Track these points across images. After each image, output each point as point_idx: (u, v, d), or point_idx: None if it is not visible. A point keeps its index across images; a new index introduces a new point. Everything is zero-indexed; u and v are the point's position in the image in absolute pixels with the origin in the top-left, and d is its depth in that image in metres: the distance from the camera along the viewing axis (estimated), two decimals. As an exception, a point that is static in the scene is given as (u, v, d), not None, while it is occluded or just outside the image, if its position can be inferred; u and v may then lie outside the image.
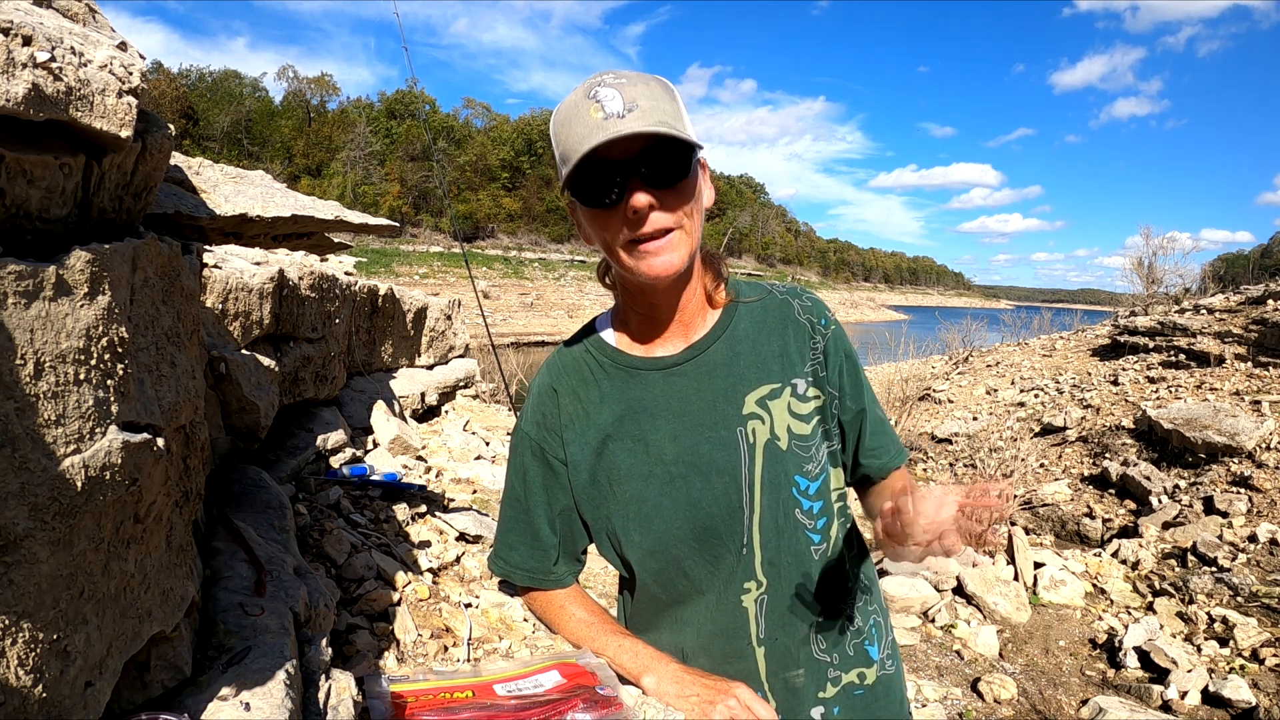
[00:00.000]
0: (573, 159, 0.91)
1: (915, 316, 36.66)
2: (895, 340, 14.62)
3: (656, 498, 1.05)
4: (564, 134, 0.93)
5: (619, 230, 0.95)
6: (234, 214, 1.84)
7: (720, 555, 1.04)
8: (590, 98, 0.91)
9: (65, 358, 0.64)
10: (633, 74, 0.94)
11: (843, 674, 1.08)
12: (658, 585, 1.10)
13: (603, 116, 0.89)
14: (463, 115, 66.86)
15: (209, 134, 53.55)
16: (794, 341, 1.07)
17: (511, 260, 54.54)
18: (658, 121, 0.89)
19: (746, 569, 1.04)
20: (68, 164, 0.70)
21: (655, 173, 0.92)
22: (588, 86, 0.93)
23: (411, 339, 4.58)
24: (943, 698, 3.77)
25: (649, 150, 0.91)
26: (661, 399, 1.06)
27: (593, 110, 0.90)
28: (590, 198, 0.94)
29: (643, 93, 0.91)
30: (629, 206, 0.92)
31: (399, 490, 2.41)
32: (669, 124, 0.90)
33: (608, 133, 0.88)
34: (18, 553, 0.59)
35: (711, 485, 1.03)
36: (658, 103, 0.92)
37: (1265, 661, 4.00)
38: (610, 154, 0.90)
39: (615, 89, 0.91)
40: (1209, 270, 16.02)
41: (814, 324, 1.08)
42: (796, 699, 1.05)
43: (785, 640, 1.05)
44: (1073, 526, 6.72)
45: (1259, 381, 7.98)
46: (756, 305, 1.09)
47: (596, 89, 0.91)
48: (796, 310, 1.09)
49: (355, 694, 0.96)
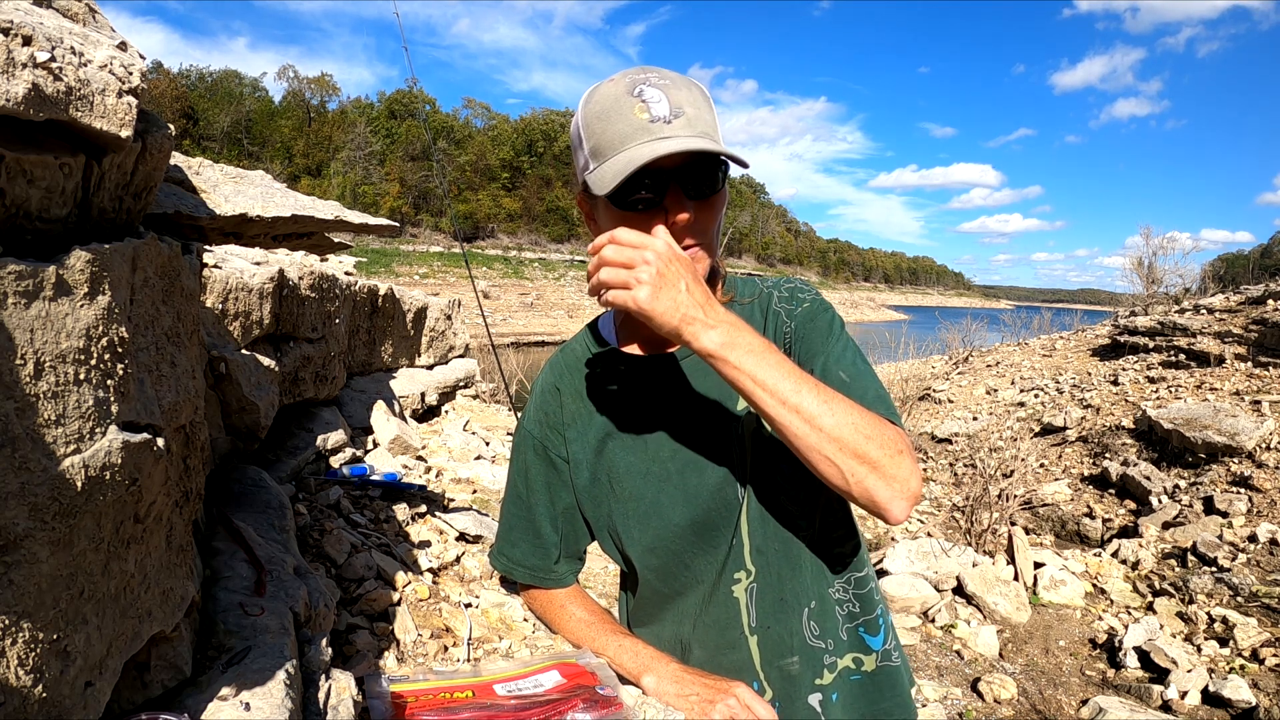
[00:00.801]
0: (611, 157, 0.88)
1: (915, 316, 36.68)
2: (895, 340, 14.63)
3: (655, 495, 1.05)
4: (600, 128, 0.90)
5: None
6: (234, 214, 1.84)
7: (718, 546, 1.05)
8: (634, 95, 0.88)
9: (65, 358, 0.64)
10: (674, 75, 0.92)
11: (838, 659, 1.07)
12: (659, 580, 1.10)
13: (648, 119, 0.87)
14: (462, 115, 66.93)
15: (209, 134, 53.58)
16: (772, 333, 1.06)
17: (511, 260, 54.55)
18: (702, 133, 0.88)
19: (736, 559, 1.04)
20: (68, 164, 0.70)
21: (695, 186, 0.90)
22: (630, 82, 0.90)
23: (411, 339, 4.58)
24: (943, 698, 3.77)
25: (691, 162, 0.89)
26: (660, 398, 1.06)
27: (637, 110, 0.87)
28: (622, 199, 0.91)
29: (687, 98, 0.89)
30: (672, 219, 0.90)
31: (399, 490, 2.41)
32: (711, 136, 0.89)
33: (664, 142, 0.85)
34: (18, 553, 0.59)
35: (706, 480, 1.03)
36: (700, 111, 0.90)
37: (1265, 661, 4.00)
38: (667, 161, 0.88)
39: (661, 90, 0.88)
40: (1209, 270, 16.04)
41: (789, 310, 1.07)
42: (793, 686, 1.05)
43: (777, 628, 1.04)
44: (1073, 526, 6.72)
45: (1259, 381, 7.98)
46: (749, 304, 1.09)
47: (641, 87, 0.89)
48: (775, 301, 1.08)
49: (355, 694, 0.96)
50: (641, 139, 0.87)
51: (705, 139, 0.87)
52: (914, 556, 5.05)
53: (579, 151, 0.97)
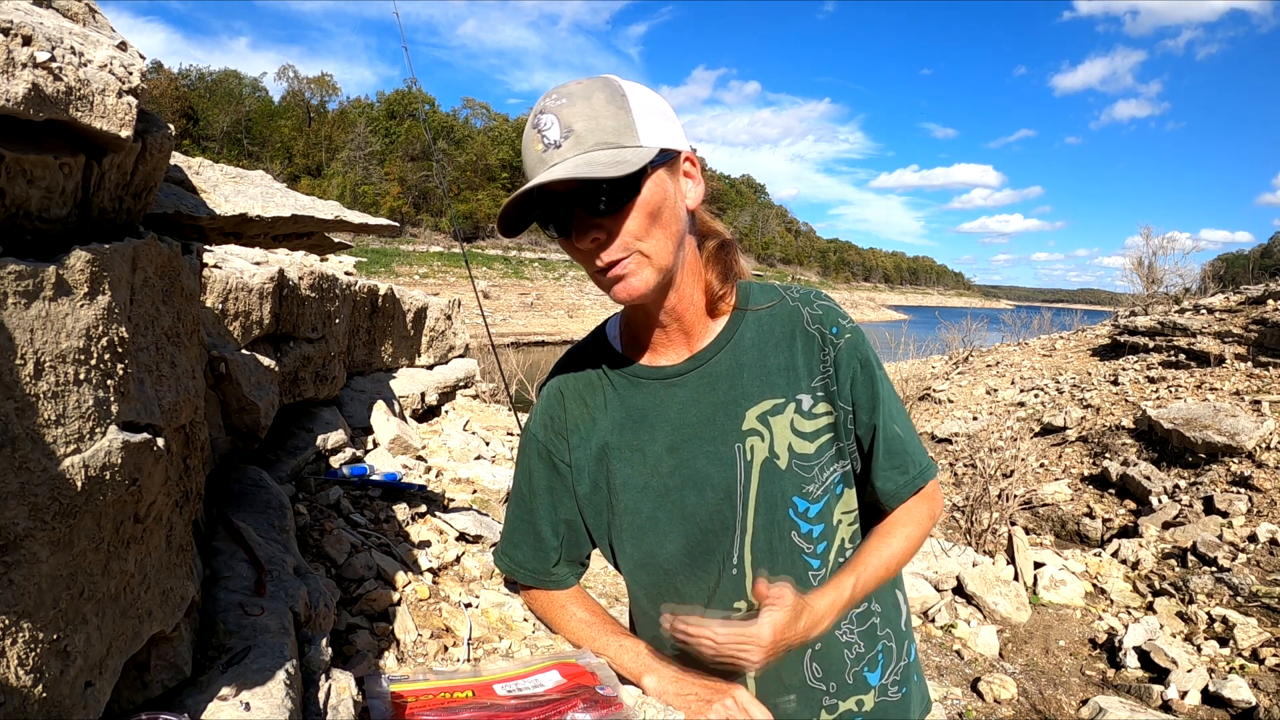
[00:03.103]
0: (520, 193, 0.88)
1: (915, 316, 36.65)
2: (895, 340, 14.62)
3: (650, 510, 1.03)
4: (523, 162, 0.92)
5: (584, 259, 0.92)
6: (234, 214, 1.83)
7: (710, 572, 1.02)
8: (534, 126, 0.88)
9: (65, 358, 0.64)
10: (576, 87, 0.89)
11: (839, 701, 1.04)
12: (648, 600, 1.08)
13: (542, 149, 0.87)
14: (462, 115, 66.92)
15: (209, 134, 53.62)
16: (802, 354, 1.01)
17: (511, 260, 54.54)
18: (595, 144, 0.85)
19: (736, 588, 1.01)
20: (68, 164, 0.70)
21: (596, 202, 0.88)
22: (535, 111, 0.89)
23: (411, 339, 4.58)
24: (943, 698, 3.77)
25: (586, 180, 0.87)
26: (661, 410, 1.03)
27: (534, 141, 0.87)
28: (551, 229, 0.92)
29: (581, 112, 0.87)
30: (574, 244, 0.90)
31: (399, 490, 2.41)
32: (609, 143, 0.86)
33: (539, 174, 0.85)
34: (18, 553, 0.59)
35: (705, 500, 1.01)
36: (597, 120, 0.87)
37: (1265, 661, 4.00)
38: (555, 186, 0.87)
39: (554, 113, 0.87)
40: (1209, 270, 16.02)
41: (824, 334, 1.02)
42: None
43: (777, 665, 1.00)
44: (1073, 526, 6.72)
45: (1259, 381, 7.98)
46: (765, 314, 1.04)
47: (539, 115, 0.88)
48: (806, 319, 1.03)
49: (355, 694, 0.96)
50: (537, 171, 0.87)
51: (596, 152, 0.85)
52: (914, 556, 5.05)
53: None
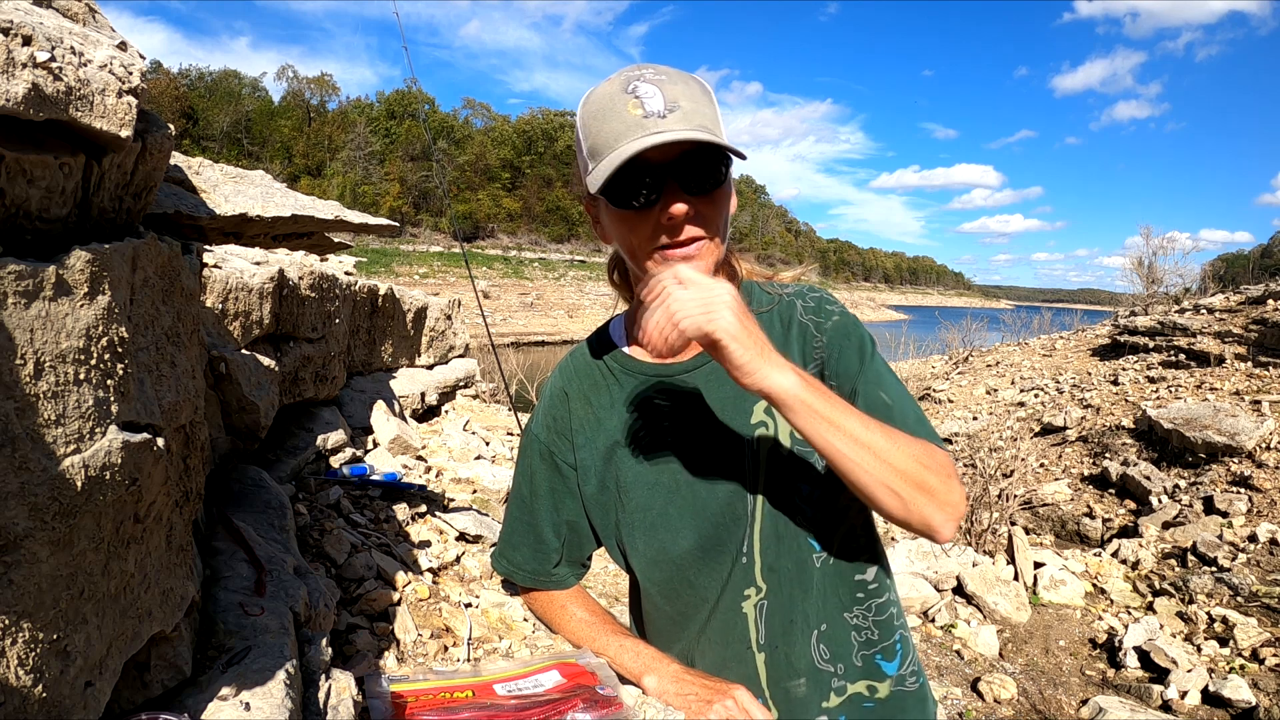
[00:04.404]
0: (606, 156, 0.87)
1: (915, 316, 36.66)
2: (895, 340, 14.63)
3: (662, 506, 1.03)
4: (596, 128, 0.89)
5: (647, 234, 0.91)
6: (234, 214, 1.84)
7: (723, 563, 1.03)
8: (628, 92, 0.87)
9: (65, 358, 0.64)
10: (671, 71, 0.91)
11: (848, 684, 1.04)
12: (661, 595, 1.08)
13: (642, 114, 0.86)
14: (462, 115, 66.95)
15: (209, 134, 53.63)
16: (797, 345, 1.03)
17: (511, 260, 54.57)
18: (699, 125, 0.86)
19: (747, 575, 1.02)
20: (68, 164, 0.70)
21: (693, 180, 0.88)
22: (625, 80, 0.89)
23: (411, 339, 4.58)
24: (943, 698, 3.77)
25: (688, 156, 0.87)
26: (670, 407, 1.04)
27: (631, 107, 0.86)
28: (619, 198, 0.90)
29: (683, 92, 0.88)
30: (666, 214, 0.88)
31: (399, 490, 2.41)
32: (710, 129, 0.87)
33: (654, 136, 0.84)
34: (18, 553, 0.59)
35: (717, 495, 1.01)
36: (698, 105, 0.88)
37: (1265, 661, 4.00)
38: (648, 156, 0.86)
39: (655, 85, 0.87)
40: (1209, 270, 16.01)
41: (817, 324, 1.04)
42: (798, 709, 1.03)
43: (785, 648, 1.02)
44: (1073, 526, 6.72)
45: (1259, 381, 7.98)
46: (767, 313, 1.05)
47: (635, 83, 0.87)
48: (800, 311, 1.05)
49: (355, 694, 0.96)
50: (634, 135, 0.85)
51: (702, 132, 0.86)
52: (914, 556, 5.05)
53: (580, 154, 0.96)
